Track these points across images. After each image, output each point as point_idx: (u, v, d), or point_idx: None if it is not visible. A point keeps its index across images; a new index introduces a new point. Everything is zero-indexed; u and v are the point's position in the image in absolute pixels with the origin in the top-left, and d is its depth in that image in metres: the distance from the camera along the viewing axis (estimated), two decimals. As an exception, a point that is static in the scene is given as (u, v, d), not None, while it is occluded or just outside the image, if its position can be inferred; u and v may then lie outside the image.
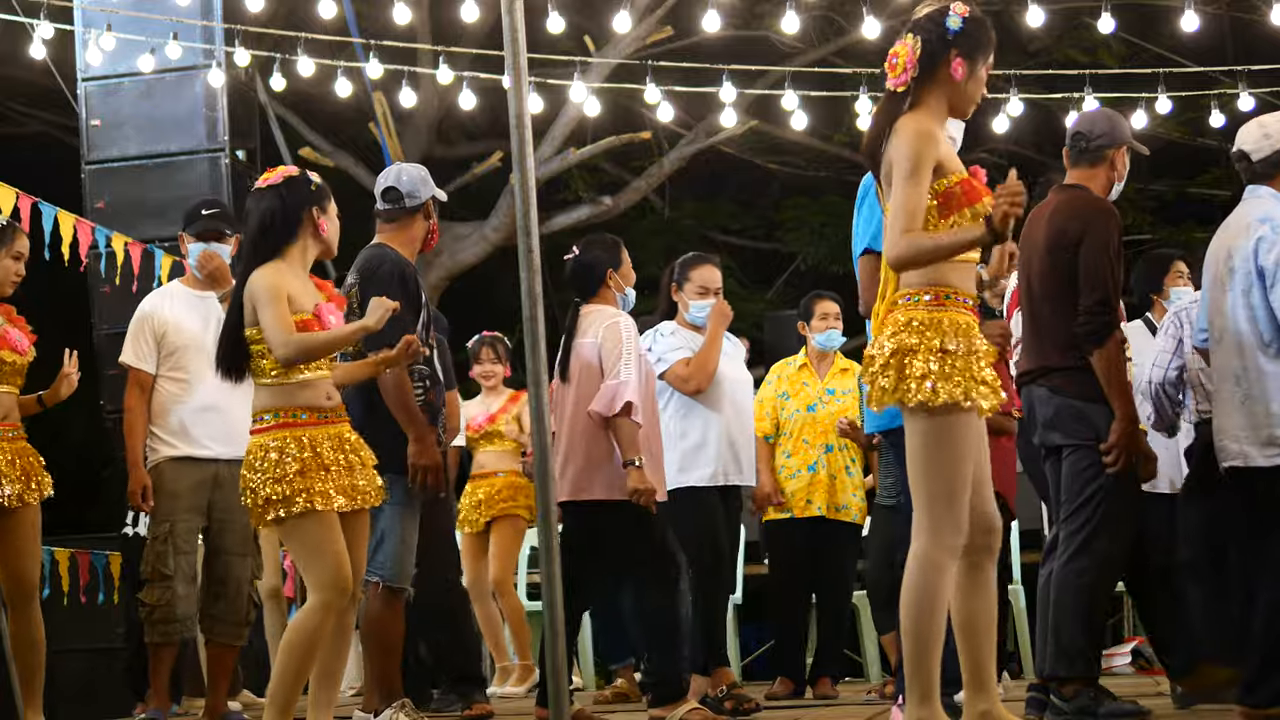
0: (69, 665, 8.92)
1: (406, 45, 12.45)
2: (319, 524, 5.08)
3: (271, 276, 5.13)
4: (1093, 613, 5.66)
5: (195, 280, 6.98)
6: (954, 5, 4.56)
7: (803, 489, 8.14)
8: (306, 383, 5.16)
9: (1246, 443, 5.46)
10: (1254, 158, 5.66)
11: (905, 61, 4.55)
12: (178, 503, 6.77)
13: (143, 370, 6.88)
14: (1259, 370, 5.45)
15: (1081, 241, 5.58)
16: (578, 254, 6.47)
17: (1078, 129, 5.86)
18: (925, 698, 4.38)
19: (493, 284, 14.56)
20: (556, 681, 4.71)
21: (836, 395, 8.20)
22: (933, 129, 4.46)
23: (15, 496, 6.32)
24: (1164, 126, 13.35)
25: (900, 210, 4.41)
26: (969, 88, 4.58)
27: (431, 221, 6.42)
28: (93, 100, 10.18)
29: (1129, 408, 5.59)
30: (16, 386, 6.44)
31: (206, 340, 6.76)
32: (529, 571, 9.38)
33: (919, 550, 4.42)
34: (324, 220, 5.27)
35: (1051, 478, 5.78)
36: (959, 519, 4.42)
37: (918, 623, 4.38)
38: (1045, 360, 5.66)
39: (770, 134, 15.27)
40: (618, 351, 6.18)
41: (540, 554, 4.67)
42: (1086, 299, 5.56)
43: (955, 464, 4.42)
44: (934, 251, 4.41)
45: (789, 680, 8.28)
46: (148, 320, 6.92)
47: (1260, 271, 5.45)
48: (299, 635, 5.07)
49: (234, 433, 6.74)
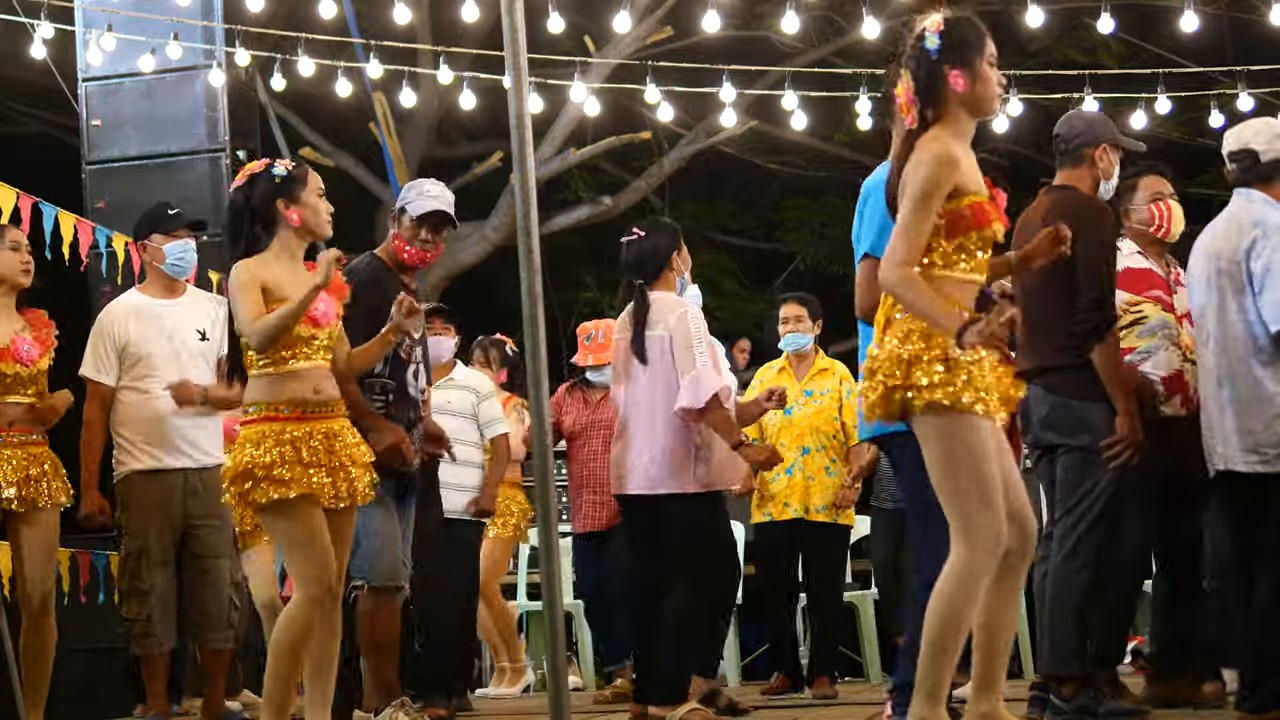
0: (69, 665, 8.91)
1: (406, 45, 12.46)
2: (299, 517, 5.06)
3: (242, 271, 5.12)
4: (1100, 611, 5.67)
5: (158, 287, 6.87)
6: (926, 24, 4.51)
7: (781, 491, 8.17)
8: (294, 373, 5.13)
9: (1232, 446, 5.48)
10: (1262, 157, 5.63)
11: (906, 100, 4.51)
12: (151, 516, 6.68)
13: (103, 383, 6.72)
14: (1246, 374, 5.47)
15: (1075, 241, 5.57)
16: (641, 237, 6.41)
17: (1056, 131, 5.91)
18: (932, 698, 4.36)
19: (493, 284, 14.55)
20: (556, 681, 4.71)
21: (814, 397, 8.23)
22: (952, 152, 4.39)
23: (20, 500, 6.32)
24: (1164, 126, 13.35)
25: (902, 237, 4.35)
26: (979, 90, 4.50)
27: (403, 237, 6.27)
28: (93, 100, 10.20)
29: (1130, 402, 5.59)
30: (28, 395, 6.40)
31: (169, 349, 6.70)
32: (529, 571, 9.39)
33: (958, 558, 4.30)
34: (294, 210, 5.20)
35: (1046, 477, 5.79)
36: (996, 524, 4.31)
37: (943, 629, 4.30)
38: (1041, 359, 5.66)
39: (770, 134, 15.27)
40: (689, 341, 6.16)
41: (540, 554, 4.67)
42: (1084, 296, 5.57)
43: (977, 465, 4.31)
44: (911, 305, 4.32)
45: (785, 678, 8.31)
46: (106, 332, 6.76)
47: (1250, 276, 5.47)
48: (287, 632, 5.08)
49: (202, 439, 6.75)
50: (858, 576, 10.20)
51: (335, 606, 5.24)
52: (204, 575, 6.74)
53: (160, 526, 6.69)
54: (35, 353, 6.38)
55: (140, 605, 6.65)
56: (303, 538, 5.09)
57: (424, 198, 6.33)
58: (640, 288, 6.33)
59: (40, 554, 6.43)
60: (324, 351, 5.22)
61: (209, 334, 6.81)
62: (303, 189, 5.23)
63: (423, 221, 6.30)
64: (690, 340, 6.17)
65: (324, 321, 5.19)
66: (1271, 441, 5.42)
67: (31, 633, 6.42)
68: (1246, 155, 5.67)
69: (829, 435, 8.15)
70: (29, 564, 6.41)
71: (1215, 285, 5.54)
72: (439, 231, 6.34)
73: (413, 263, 6.33)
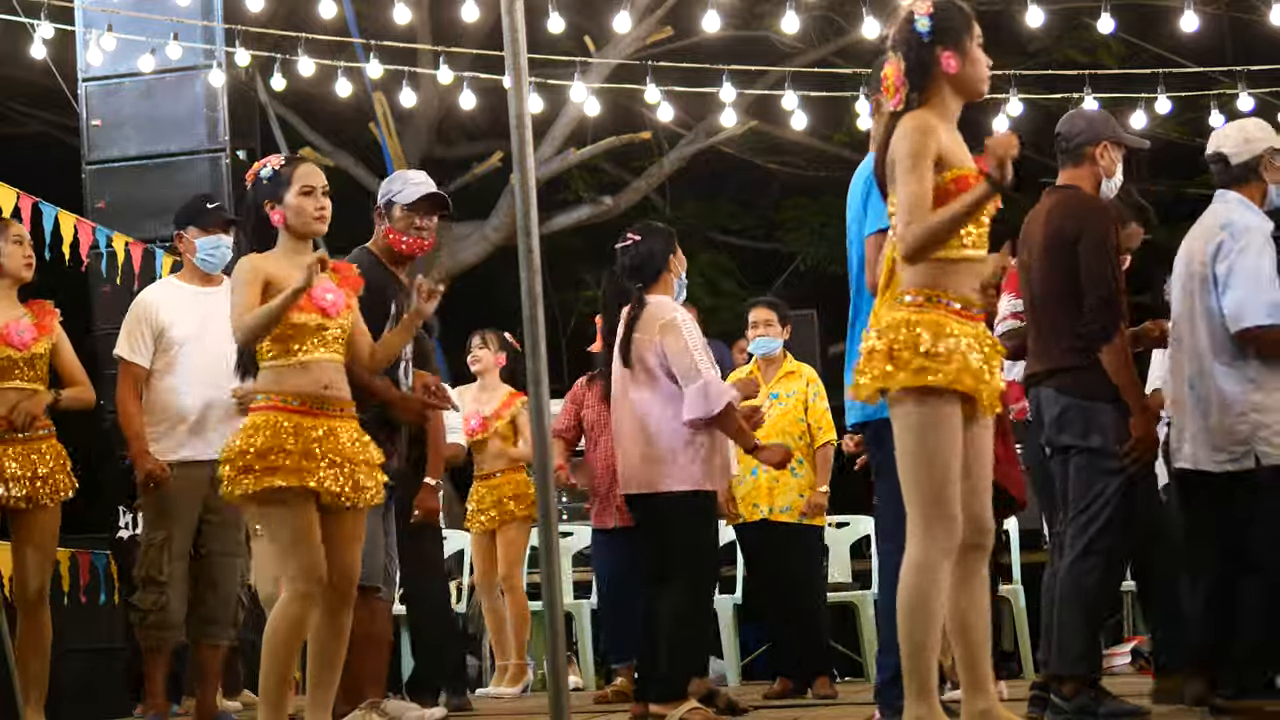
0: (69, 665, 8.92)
1: (406, 45, 12.45)
2: (289, 511, 5.06)
3: (244, 265, 5.18)
4: (1096, 612, 5.68)
5: (195, 276, 6.91)
6: (915, 7, 4.54)
7: (749, 493, 8.18)
8: (303, 365, 5.14)
9: (1200, 446, 5.50)
10: (1232, 160, 5.70)
11: (894, 82, 4.55)
12: (177, 507, 6.69)
13: (137, 364, 6.75)
14: (1213, 376, 5.49)
15: (1079, 240, 5.58)
16: (637, 241, 6.42)
17: (1057, 130, 5.91)
18: (922, 695, 4.39)
19: (493, 284, 14.54)
20: (556, 681, 4.71)
21: (780, 399, 8.26)
22: (929, 122, 4.45)
23: (23, 499, 6.31)
24: (1163, 126, 13.34)
25: (904, 204, 4.42)
26: (969, 71, 4.55)
27: (396, 229, 6.24)
28: (93, 100, 10.19)
29: (1143, 401, 5.59)
30: (28, 380, 6.39)
31: (204, 338, 6.71)
32: (529, 571, 9.39)
33: (912, 553, 4.41)
34: (277, 210, 5.25)
35: (1060, 478, 5.78)
36: (950, 519, 4.40)
37: (912, 625, 4.38)
38: (1051, 361, 5.66)
39: (770, 134, 15.26)
40: (686, 350, 6.17)
41: (540, 554, 4.67)
42: (1090, 298, 5.56)
43: (941, 455, 4.39)
44: (947, 224, 4.38)
45: (786, 680, 8.30)
46: (145, 314, 6.80)
47: (1215, 277, 5.49)
48: (278, 628, 5.08)
49: (229, 433, 6.71)
50: (858, 576, 10.20)
51: (343, 610, 5.21)
52: (215, 572, 6.74)
53: (184, 518, 6.70)
54: (28, 336, 6.37)
55: (157, 596, 6.65)
56: (292, 530, 5.07)
57: (410, 185, 6.30)
58: (638, 292, 6.34)
59: (40, 549, 6.44)
60: (336, 344, 5.21)
61: None
62: (285, 189, 5.26)
63: (414, 208, 6.26)
64: (689, 348, 6.18)
65: (333, 312, 5.19)
66: (1236, 441, 5.45)
67: (28, 628, 6.43)
68: (1219, 159, 5.75)
69: (795, 437, 8.16)
70: (29, 559, 6.42)
71: (1187, 288, 5.60)
72: (432, 217, 6.30)
73: (410, 252, 6.29)
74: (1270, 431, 5.46)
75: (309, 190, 5.28)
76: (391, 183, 6.39)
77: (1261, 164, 5.69)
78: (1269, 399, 5.49)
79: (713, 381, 6.15)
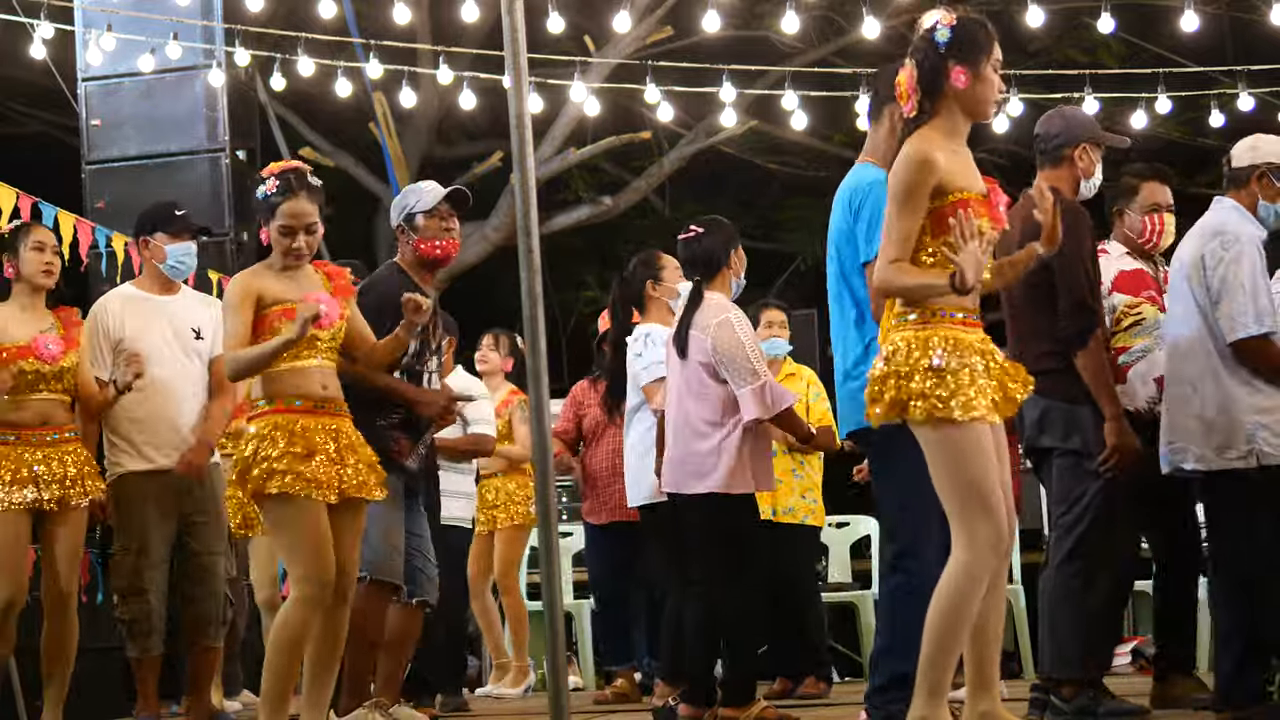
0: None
1: (406, 45, 12.45)
2: (300, 512, 5.09)
3: (235, 285, 5.27)
4: (1094, 613, 5.66)
5: (155, 283, 6.80)
6: (940, 17, 4.53)
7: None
8: (298, 370, 5.21)
9: (1197, 445, 5.49)
10: (1232, 163, 5.71)
11: (907, 88, 4.54)
12: (147, 515, 6.62)
13: (97, 376, 6.57)
14: (1203, 379, 5.49)
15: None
16: (700, 234, 6.39)
17: (1036, 131, 5.91)
18: (933, 697, 4.38)
19: (493, 284, 14.55)
20: (556, 682, 4.71)
21: None
22: (930, 154, 4.43)
23: (54, 501, 6.31)
24: (1164, 126, 13.35)
25: (889, 238, 4.44)
26: (978, 90, 4.52)
27: (425, 237, 6.22)
28: (93, 100, 10.20)
29: (1116, 407, 5.59)
30: (56, 392, 6.35)
31: (163, 346, 6.65)
32: (529, 571, 9.39)
33: (959, 561, 4.36)
34: (265, 232, 5.32)
35: (1044, 480, 5.78)
36: (998, 529, 4.38)
37: (943, 629, 4.36)
38: (1029, 364, 5.64)
39: (770, 134, 15.26)
40: (742, 351, 6.14)
41: (540, 554, 4.67)
42: (1064, 302, 5.58)
43: (978, 472, 4.37)
44: (905, 292, 4.42)
45: (786, 679, 8.29)
46: (101, 324, 6.68)
47: (1208, 283, 5.50)
48: (283, 630, 5.11)
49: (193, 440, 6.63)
50: (858, 576, 10.20)
51: (340, 607, 5.24)
52: (200, 572, 6.71)
53: (159, 526, 6.65)
54: (56, 350, 6.32)
55: (139, 605, 6.62)
56: (301, 533, 5.11)
57: (426, 194, 6.28)
58: (696, 285, 6.33)
59: (69, 552, 6.44)
60: (328, 352, 5.30)
61: (203, 333, 6.76)
62: (270, 218, 5.30)
63: (437, 212, 6.23)
64: (745, 348, 6.14)
65: (325, 324, 5.24)
66: (1219, 444, 5.46)
67: (55, 629, 6.43)
68: (1226, 161, 5.76)
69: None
70: (60, 562, 6.42)
71: (1180, 291, 5.61)
72: (455, 216, 6.28)
73: (445, 255, 6.27)
74: (1270, 432, 5.45)
75: (292, 225, 5.27)
76: (404, 198, 6.34)
77: (1255, 175, 5.69)
78: (1269, 400, 5.48)
79: (772, 382, 6.15)
